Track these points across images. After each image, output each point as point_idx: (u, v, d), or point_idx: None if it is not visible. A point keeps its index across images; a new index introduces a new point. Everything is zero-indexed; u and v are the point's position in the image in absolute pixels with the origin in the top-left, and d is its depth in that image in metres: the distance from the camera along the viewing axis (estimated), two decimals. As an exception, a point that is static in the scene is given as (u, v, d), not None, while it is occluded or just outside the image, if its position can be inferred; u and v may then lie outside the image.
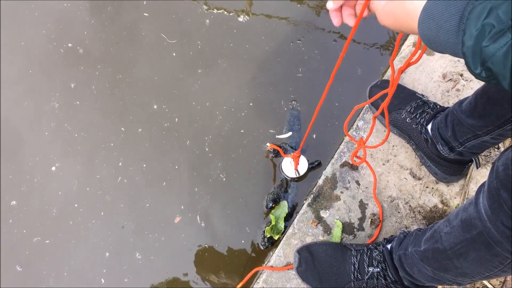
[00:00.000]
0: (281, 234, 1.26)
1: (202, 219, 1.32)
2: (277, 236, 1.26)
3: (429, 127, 1.18)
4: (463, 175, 1.24)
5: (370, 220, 1.22)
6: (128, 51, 1.54)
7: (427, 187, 1.26)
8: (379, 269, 1.03)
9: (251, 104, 1.45)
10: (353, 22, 0.76)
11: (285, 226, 1.27)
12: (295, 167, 1.32)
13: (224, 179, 1.36)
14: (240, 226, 1.30)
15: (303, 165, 1.33)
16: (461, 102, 1.06)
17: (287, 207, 1.29)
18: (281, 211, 1.28)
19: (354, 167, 1.29)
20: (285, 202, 1.30)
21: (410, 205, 1.24)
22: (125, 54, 1.54)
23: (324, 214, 1.24)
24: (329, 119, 1.42)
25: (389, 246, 1.06)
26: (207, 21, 1.58)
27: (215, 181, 1.36)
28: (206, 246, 1.29)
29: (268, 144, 1.39)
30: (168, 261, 1.28)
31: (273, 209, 1.30)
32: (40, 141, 1.42)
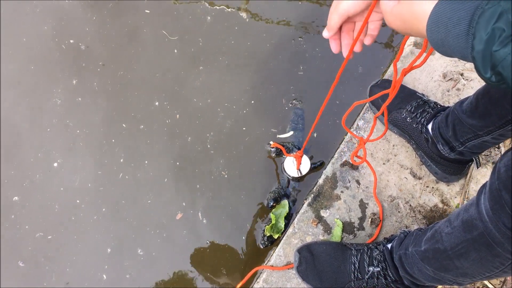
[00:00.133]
0: (281, 233, 1.27)
1: (203, 216, 1.32)
2: (276, 235, 1.26)
3: (429, 126, 1.18)
4: (464, 174, 1.25)
5: (370, 219, 1.23)
6: (129, 48, 1.54)
7: (428, 186, 1.26)
8: (379, 269, 1.03)
9: (252, 102, 1.46)
10: (348, 53, 0.78)
11: (285, 225, 1.27)
12: (297, 167, 1.32)
13: (226, 176, 1.36)
14: (242, 224, 1.31)
15: (305, 165, 1.33)
16: (462, 102, 1.06)
17: (288, 206, 1.29)
18: (282, 210, 1.29)
19: (355, 166, 1.29)
20: (286, 201, 1.30)
21: (410, 205, 1.25)
22: (127, 51, 1.53)
23: (324, 213, 1.25)
24: (330, 117, 1.42)
25: (389, 246, 1.06)
26: (209, 18, 1.58)
27: (216, 178, 1.36)
28: (207, 243, 1.29)
29: (271, 143, 1.39)
30: (170, 257, 1.28)
31: (274, 208, 1.30)
32: (42, 137, 1.42)
